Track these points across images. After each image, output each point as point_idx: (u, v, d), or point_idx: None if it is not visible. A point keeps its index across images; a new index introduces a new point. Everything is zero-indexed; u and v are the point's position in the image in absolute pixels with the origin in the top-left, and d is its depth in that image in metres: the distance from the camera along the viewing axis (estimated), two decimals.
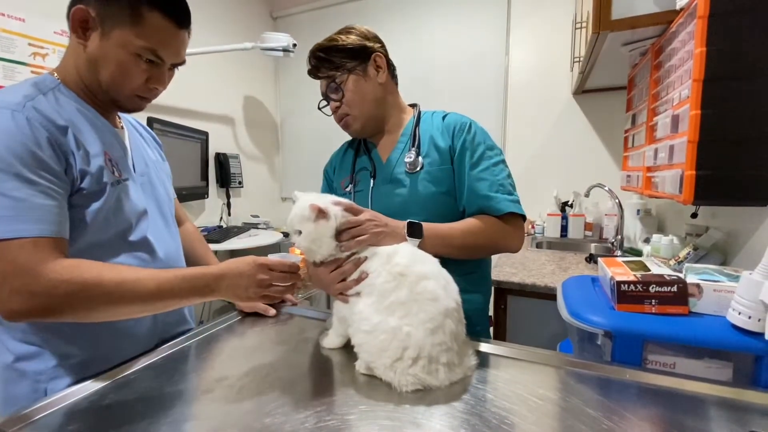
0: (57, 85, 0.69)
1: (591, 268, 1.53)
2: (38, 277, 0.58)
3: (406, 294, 0.63)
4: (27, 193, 0.59)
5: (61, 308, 0.59)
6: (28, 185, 0.59)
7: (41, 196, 0.60)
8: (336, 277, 0.71)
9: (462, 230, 0.82)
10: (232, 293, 0.69)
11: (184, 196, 2.07)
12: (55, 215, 0.61)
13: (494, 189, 0.83)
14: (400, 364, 0.60)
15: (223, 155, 2.49)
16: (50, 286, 0.58)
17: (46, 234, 0.60)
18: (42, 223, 0.59)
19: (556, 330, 1.30)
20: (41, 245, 0.59)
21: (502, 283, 1.37)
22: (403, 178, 0.88)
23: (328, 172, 1.05)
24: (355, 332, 0.65)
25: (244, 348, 0.78)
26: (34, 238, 0.59)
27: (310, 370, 0.68)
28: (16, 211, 0.58)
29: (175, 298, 0.65)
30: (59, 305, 0.59)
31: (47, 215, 0.60)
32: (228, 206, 2.56)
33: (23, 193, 0.58)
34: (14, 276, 0.57)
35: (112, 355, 0.71)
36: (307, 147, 2.94)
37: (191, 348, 0.78)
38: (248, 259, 0.69)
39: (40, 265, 0.58)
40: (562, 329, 1.22)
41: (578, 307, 0.74)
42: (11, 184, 0.58)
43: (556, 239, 2.12)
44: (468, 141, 0.86)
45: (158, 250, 0.77)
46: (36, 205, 0.59)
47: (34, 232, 0.59)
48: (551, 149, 2.25)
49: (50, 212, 0.61)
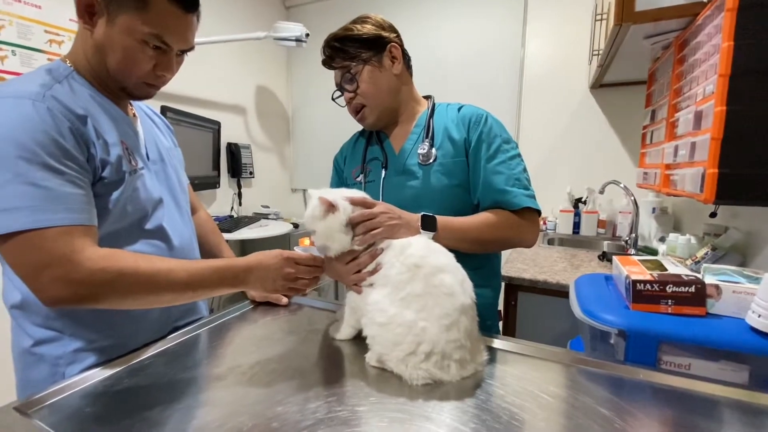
0: (70, 73, 0.69)
1: (604, 266, 1.51)
2: (76, 265, 0.59)
3: (421, 286, 0.63)
4: (56, 183, 0.59)
5: (98, 295, 0.61)
6: (56, 175, 0.60)
7: (69, 186, 0.61)
8: (352, 268, 0.71)
9: (476, 224, 0.81)
10: (260, 285, 0.71)
11: (196, 186, 2.09)
12: (85, 204, 0.62)
13: (510, 183, 0.82)
14: (412, 358, 0.60)
15: (235, 145, 2.50)
16: (88, 274, 0.59)
17: (79, 222, 0.61)
18: (74, 212, 0.60)
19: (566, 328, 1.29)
20: (75, 234, 0.60)
21: (513, 279, 1.36)
22: (416, 169, 0.88)
23: (338, 162, 1.05)
24: (369, 324, 0.65)
25: (255, 337, 0.79)
26: (67, 226, 0.59)
27: (320, 361, 0.69)
28: (48, 201, 0.58)
29: (205, 289, 0.67)
30: (97, 293, 0.60)
31: (78, 204, 0.61)
32: (239, 196, 2.58)
33: (52, 182, 0.59)
34: (53, 265, 0.58)
35: (128, 342, 0.72)
36: (318, 138, 2.94)
37: (203, 336, 0.79)
38: (275, 253, 0.72)
39: (77, 253, 0.59)
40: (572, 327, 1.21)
41: (591, 306, 0.74)
42: (40, 174, 0.58)
43: (568, 236, 2.10)
44: (484, 133, 0.85)
45: (173, 238, 0.78)
46: (66, 194, 0.60)
47: (67, 221, 0.60)
48: (566, 144, 2.21)
49: (80, 201, 0.62)
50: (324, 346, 0.74)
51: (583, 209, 2.10)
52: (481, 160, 0.84)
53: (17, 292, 0.68)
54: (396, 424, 0.52)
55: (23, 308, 0.68)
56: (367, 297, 0.67)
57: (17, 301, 0.68)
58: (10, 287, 0.69)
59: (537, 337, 1.36)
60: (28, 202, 0.57)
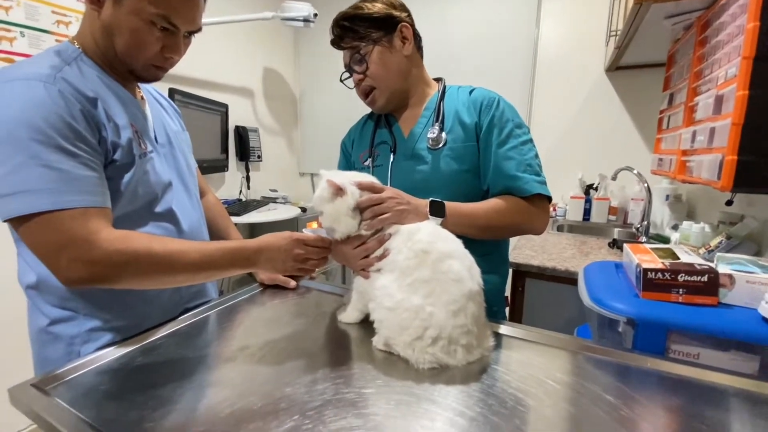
0: (79, 55, 0.69)
1: (614, 253, 1.50)
2: (94, 246, 0.60)
3: (429, 272, 0.63)
4: (70, 165, 0.60)
5: (115, 276, 0.62)
6: (70, 157, 0.60)
7: (83, 168, 0.61)
8: (359, 253, 0.72)
9: (486, 210, 0.81)
10: (270, 266, 0.72)
11: (205, 169, 2.10)
12: (99, 186, 0.63)
13: (521, 169, 0.81)
14: (419, 342, 0.61)
15: (243, 128, 2.50)
16: (105, 255, 0.60)
17: (95, 204, 0.62)
18: (89, 194, 0.61)
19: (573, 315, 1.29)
20: (91, 215, 0.61)
21: (521, 266, 1.36)
22: (425, 154, 0.87)
23: (345, 145, 1.04)
24: (377, 308, 0.66)
25: (264, 319, 0.80)
26: (84, 208, 0.60)
27: (328, 344, 0.70)
28: (63, 183, 0.59)
29: (218, 269, 0.69)
30: (114, 273, 0.62)
31: (92, 186, 0.62)
32: (247, 180, 2.59)
33: (67, 165, 0.60)
34: (70, 246, 0.59)
35: (141, 322, 0.74)
36: (326, 121, 2.92)
37: (213, 317, 0.81)
38: (285, 235, 0.73)
39: (94, 234, 0.60)
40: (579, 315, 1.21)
41: (601, 293, 0.73)
42: (54, 156, 0.59)
43: (578, 223, 2.07)
44: (496, 118, 0.84)
45: (182, 221, 0.78)
46: (80, 177, 0.61)
47: (83, 203, 0.60)
48: (579, 129, 2.17)
49: (94, 183, 0.62)
50: (331, 329, 0.75)
51: (594, 196, 2.07)
52: (492, 145, 0.83)
53: (32, 273, 0.69)
54: (402, 406, 0.53)
55: (39, 288, 0.70)
56: (375, 282, 0.68)
57: (33, 281, 0.70)
58: (25, 268, 0.70)
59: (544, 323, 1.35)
60: (45, 185, 0.58)
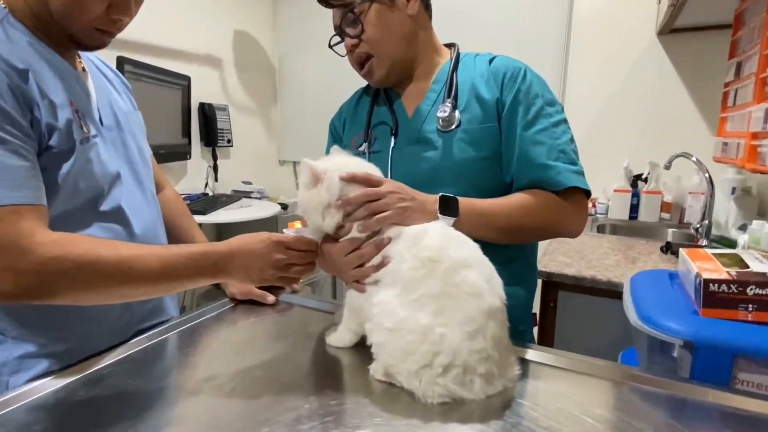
0: (5, 16, 0.68)
1: (667, 260, 1.50)
2: (25, 252, 0.60)
3: (439, 285, 0.63)
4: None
5: (52, 289, 0.62)
6: None
7: (13, 157, 0.61)
8: (352, 261, 0.71)
9: (509, 207, 0.80)
10: (244, 274, 0.73)
11: (162, 157, 2.10)
12: (32, 178, 0.63)
13: (553, 156, 0.81)
14: (428, 371, 0.61)
15: (209, 106, 2.50)
16: (39, 263, 0.60)
17: (27, 201, 0.61)
18: (19, 189, 0.61)
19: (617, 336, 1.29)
20: (23, 214, 0.61)
21: (553, 276, 1.36)
22: (434, 137, 0.87)
23: (335, 127, 1.04)
24: (375, 329, 0.66)
25: (235, 342, 0.80)
26: (13, 206, 0.60)
27: (314, 373, 0.70)
28: None
29: (180, 279, 0.69)
30: (51, 285, 0.62)
31: (24, 179, 0.62)
32: (214, 169, 2.59)
33: None
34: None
35: (83, 347, 0.74)
36: (312, 97, 2.92)
37: (173, 340, 0.80)
38: (262, 236, 0.73)
39: (26, 238, 0.60)
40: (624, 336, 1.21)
41: (651, 310, 0.73)
42: None
43: (623, 222, 2.08)
44: (522, 92, 0.84)
45: (134, 222, 0.78)
46: (9, 167, 0.60)
47: (13, 199, 0.60)
48: (624, 106, 2.17)
49: (26, 175, 0.62)
50: (319, 355, 0.75)
51: (642, 188, 2.07)
52: (517, 127, 0.83)
53: None
54: None
55: None
56: (373, 297, 0.68)
57: None
58: None
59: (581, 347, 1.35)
60: None
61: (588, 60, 2.22)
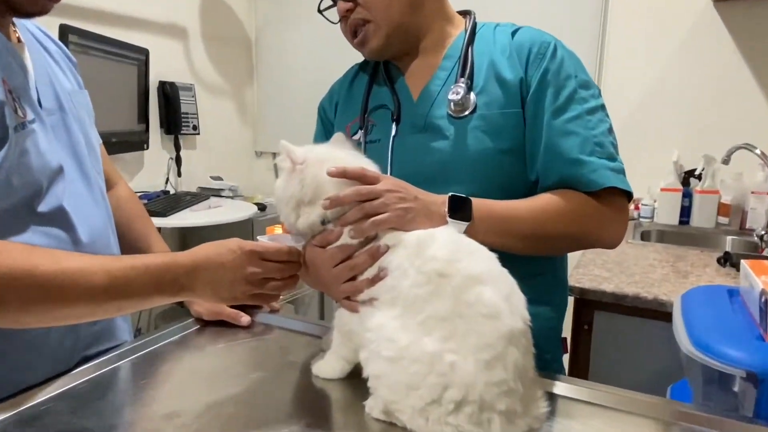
0: None
1: (726, 274, 1.50)
2: None
3: (448, 305, 0.63)
4: None
5: None
6: None
7: None
8: (342, 273, 0.71)
9: (533, 211, 0.81)
10: (211, 292, 0.72)
11: (114, 147, 2.11)
12: None
13: (587, 150, 0.81)
14: (435, 408, 0.61)
15: (171, 85, 2.51)
16: None
17: None
18: None
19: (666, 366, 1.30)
20: None
21: (587, 293, 1.36)
22: (444, 124, 0.87)
23: (325, 110, 1.04)
24: (371, 358, 0.66)
25: (202, 372, 0.80)
26: None
27: (298, 410, 0.69)
28: None
29: (133, 298, 0.69)
30: None
31: None
32: (177, 162, 2.59)
33: None
34: None
35: (17, 377, 0.73)
36: (295, 76, 2.92)
37: (126, 369, 0.80)
38: (231, 245, 0.72)
39: None
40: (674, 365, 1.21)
41: (706, 334, 0.74)
42: None
43: (672, 227, 2.08)
44: (551, 72, 0.84)
45: (79, 225, 0.78)
46: None
47: None
48: (673, 88, 2.18)
49: None
50: (304, 388, 0.75)
51: (695, 187, 2.07)
52: (544, 113, 0.83)
53: None
54: None
55: None
56: (368, 320, 0.68)
57: None
58: None
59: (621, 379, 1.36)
60: None
61: (629, 33, 2.23)
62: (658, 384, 1.11)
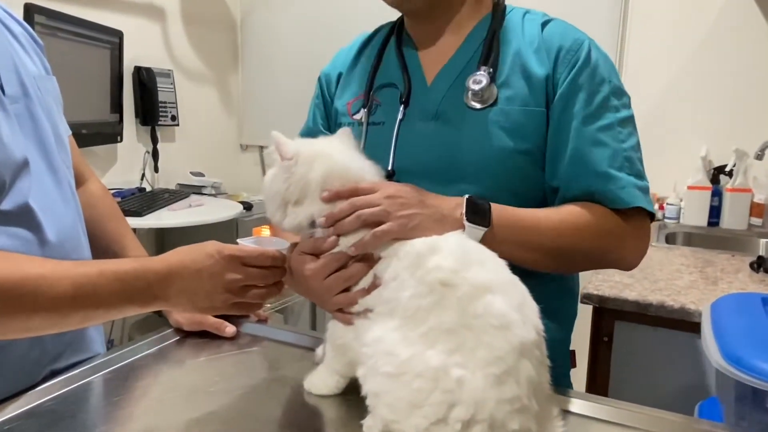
0: None
1: (760, 280, 1.50)
2: None
3: (454, 316, 0.63)
4: None
5: None
6: None
7: None
8: (335, 284, 0.71)
9: (558, 223, 0.81)
10: (187, 300, 0.72)
11: (84, 139, 2.10)
12: None
13: (617, 164, 0.82)
14: (441, 428, 0.61)
15: (147, 72, 2.50)
16: None
17: None
18: None
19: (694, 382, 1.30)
20: None
21: (607, 301, 1.36)
22: (460, 114, 0.87)
23: (326, 81, 1.03)
24: (370, 375, 0.66)
25: (183, 388, 0.79)
26: None
27: (287, 429, 0.69)
28: None
29: (102, 307, 0.68)
30: None
31: None
32: (154, 156, 2.59)
33: None
34: None
35: None
36: (284, 62, 2.92)
37: (98, 385, 0.80)
38: (209, 249, 0.72)
39: None
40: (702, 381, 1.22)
41: (739, 346, 0.74)
42: None
43: (700, 229, 2.09)
44: (585, 74, 0.84)
45: (46, 225, 0.78)
46: None
47: None
48: (701, 75, 2.19)
49: None
50: (295, 405, 0.75)
51: (726, 185, 2.08)
52: (573, 118, 0.83)
53: None
54: None
55: None
56: (365, 333, 0.67)
57: None
58: None
59: (645, 395, 1.36)
60: None
61: (653, 13, 2.23)
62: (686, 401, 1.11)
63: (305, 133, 1.03)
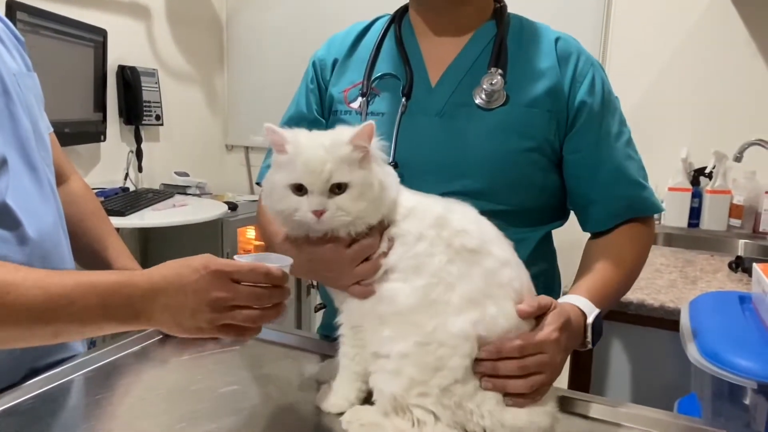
0: None
1: (738, 279, 1.52)
2: None
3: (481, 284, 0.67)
4: None
5: None
6: None
7: None
8: (354, 256, 0.71)
9: (625, 275, 0.89)
10: (170, 319, 0.66)
11: (67, 138, 2.07)
12: None
13: (642, 174, 0.93)
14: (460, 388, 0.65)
15: (131, 70, 2.48)
16: None
17: None
18: None
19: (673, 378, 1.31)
20: None
21: None
22: (467, 113, 0.88)
23: (321, 66, 1.01)
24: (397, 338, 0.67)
25: (165, 387, 0.79)
26: None
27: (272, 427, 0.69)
28: None
29: (73, 322, 0.65)
30: None
31: None
32: (138, 156, 2.56)
33: None
34: None
35: None
36: (271, 61, 2.91)
37: (79, 384, 0.79)
38: (196, 263, 0.66)
39: None
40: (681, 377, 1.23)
41: (716, 343, 0.75)
42: None
43: (680, 230, 2.10)
44: (607, 95, 0.91)
45: (27, 225, 0.77)
46: None
47: None
48: (681, 79, 2.20)
49: None
50: (279, 403, 0.74)
51: (706, 187, 2.09)
52: (609, 135, 0.90)
53: None
54: None
55: None
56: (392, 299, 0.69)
57: None
58: None
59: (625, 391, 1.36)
60: None
61: (635, 17, 2.24)
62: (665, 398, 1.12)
63: (294, 118, 1.01)
